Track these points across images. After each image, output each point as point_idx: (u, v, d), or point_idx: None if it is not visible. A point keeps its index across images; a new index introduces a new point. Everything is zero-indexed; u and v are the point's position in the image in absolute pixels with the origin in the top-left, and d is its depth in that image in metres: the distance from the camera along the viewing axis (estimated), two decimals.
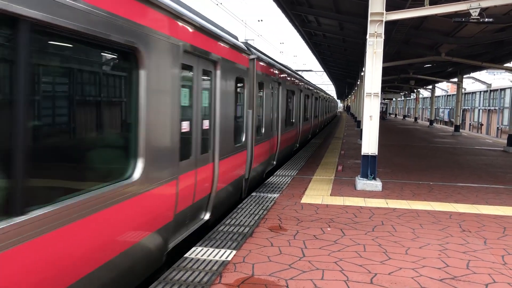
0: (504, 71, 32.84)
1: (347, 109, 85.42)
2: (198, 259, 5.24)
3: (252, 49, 9.80)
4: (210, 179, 6.78)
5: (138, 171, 4.41)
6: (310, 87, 22.64)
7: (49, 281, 3.18)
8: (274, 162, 12.77)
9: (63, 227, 3.31)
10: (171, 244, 5.45)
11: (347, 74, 46.12)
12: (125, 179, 4.25)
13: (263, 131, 10.72)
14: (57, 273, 3.27)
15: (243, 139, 8.79)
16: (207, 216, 6.81)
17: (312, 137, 24.88)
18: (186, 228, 6.07)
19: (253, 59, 9.47)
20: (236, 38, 8.76)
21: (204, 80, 6.52)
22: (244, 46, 8.94)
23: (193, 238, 6.59)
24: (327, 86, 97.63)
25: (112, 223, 3.98)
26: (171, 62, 5.07)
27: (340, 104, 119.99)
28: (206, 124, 6.63)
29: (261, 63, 10.41)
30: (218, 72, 6.95)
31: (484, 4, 9.75)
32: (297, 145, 18.25)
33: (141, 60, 4.38)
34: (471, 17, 10.01)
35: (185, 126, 5.78)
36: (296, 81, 17.03)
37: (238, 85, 8.50)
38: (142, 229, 4.57)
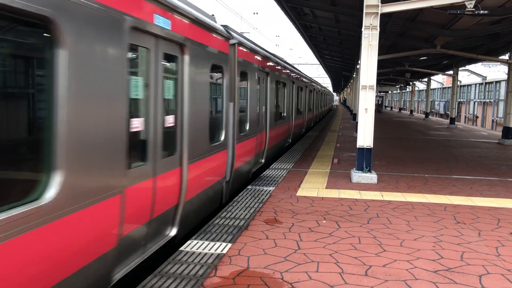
0: (499, 63, 32.91)
1: (344, 102, 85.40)
2: (193, 252, 5.24)
3: (233, 33, 8.50)
4: (176, 187, 5.69)
5: (53, 189, 3.24)
6: (304, 79, 21.98)
7: None
8: (263, 161, 11.84)
9: None
10: (118, 275, 4.42)
11: (343, 67, 46.08)
12: (34, 200, 3.11)
13: (247, 126, 9.60)
14: None
15: (222, 137, 7.69)
16: (173, 232, 5.76)
17: (306, 131, 24.41)
18: (143, 250, 5.01)
19: (234, 44, 8.23)
20: (213, 19, 7.57)
21: (166, 66, 5.40)
22: (222, 29, 7.69)
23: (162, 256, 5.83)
24: (323, 79, 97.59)
25: (14, 261, 2.88)
26: (108, 40, 3.91)
27: (336, 97, 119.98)
28: (170, 120, 5.50)
29: (245, 50, 9.18)
30: (187, 58, 5.76)
31: None
32: (289, 140, 17.45)
33: (58, 36, 3.25)
34: (467, 9, 10.00)
35: (136, 124, 4.64)
36: (288, 72, 16.17)
37: (215, 74, 7.45)
38: (64, 265, 3.43)
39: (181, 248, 5.38)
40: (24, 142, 3.29)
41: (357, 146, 10.08)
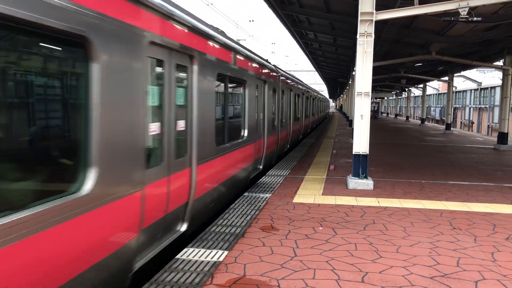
0: (494, 69, 33.12)
1: (340, 108, 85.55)
2: (190, 260, 5.23)
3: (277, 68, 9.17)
4: (186, 186, 6.13)
5: (89, 183, 3.74)
6: (300, 86, 22.06)
7: None
8: (261, 167, 11.95)
9: None
10: (138, 264, 4.82)
11: (338, 74, 46.24)
12: (73, 193, 3.58)
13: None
14: None
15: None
16: (184, 227, 6.15)
17: (304, 137, 24.47)
18: (158, 242, 5.42)
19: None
20: (220, 32, 8.16)
21: (178, 76, 5.87)
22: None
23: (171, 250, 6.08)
24: (319, 86, 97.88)
25: (55, 246, 3.33)
26: (131, 54, 4.38)
27: (332, 104, 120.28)
28: (181, 125, 5.97)
29: (241, 58, 9.32)
30: (195, 68, 6.27)
31: (472, 3, 9.82)
32: (288, 146, 17.57)
33: (92, 52, 3.75)
34: (460, 16, 10.08)
35: (154, 128, 5.14)
36: (285, 79, 16.32)
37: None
38: (97, 251, 3.91)
39: (178, 256, 5.37)
40: (65, 143, 3.76)
41: (353, 152, 10.10)
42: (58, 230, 3.32)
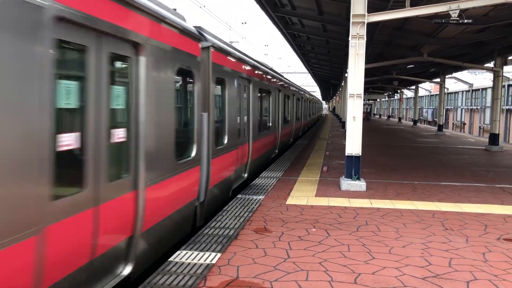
0: (485, 71, 33.39)
1: (333, 110, 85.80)
2: (183, 263, 5.22)
3: (207, 35, 7.54)
4: (129, 217, 4.72)
5: None
6: (291, 87, 21.28)
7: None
8: (246, 175, 10.90)
9: None
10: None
11: (331, 76, 46.41)
12: None
13: (226, 139, 8.65)
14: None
15: (193, 152, 6.70)
16: (127, 271, 4.77)
17: (294, 141, 23.75)
18: None
19: (208, 47, 7.33)
20: (183, 19, 6.65)
21: (115, 68, 4.58)
22: (193, 29, 6.74)
23: None
24: (312, 88, 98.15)
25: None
26: (21, 32, 3.02)
27: (325, 105, 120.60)
28: (119, 134, 4.56)
29: (221, 54, 8.24)
30: (143, 59, 4.85)
31: (463, 6, 9.91)
32: (276, 151, 16.57)
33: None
34: (451, 18, 10.16)
35: (68, 139, 3.73)
36: (273, 79, 15.35)
37: (183, 80, 6.71)
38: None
39: (170, 259, 5.36)
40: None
41: (346, 154, 10.14)
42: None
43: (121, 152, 4.68)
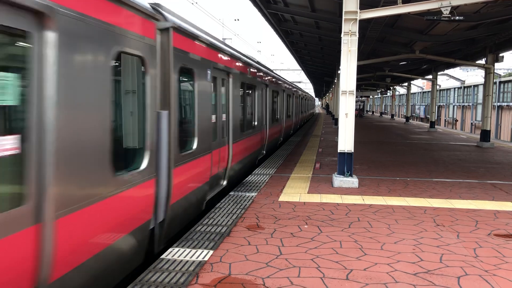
0: (476, 68, 33.58)
1: (326, 107, 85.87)
2: (175, 260, 5.21)
3: (167, 14, 6.05)
4: (29, 255, 3.34)
5: None
6: (280, 82, 20.14)
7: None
8: (225, 182, 9.43)
9: None
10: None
11: (324, 73, 46.47)
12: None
13: (195, 143, 7.16)
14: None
15: (146, 162, 5.31)
16: None
17: (285, 140, 23.13)
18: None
19: (167, 28, 5.81)
20: None
21: (12, 52, 3.40)
22: (145, 5, 5.38)
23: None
24: (305, 85, 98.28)
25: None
26: None
27: (318, 102, 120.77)
28: (6, 145, 3.18)
29: (189, 39, 6.75)
30: (53, 37, 3.51)
31: (454, 3, 9.94)
32: (264, 152, 14.99)
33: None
34: (443, 15, 10.21)
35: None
36: (259, 73, 13.98)
37: (128, 68, 5.36)
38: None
39: (162, 256, 5.35)
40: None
41: (338, 151, 10.16)
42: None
43: (9, 172, 3.27)
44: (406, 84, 46.57)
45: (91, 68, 4.12)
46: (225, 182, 9.48)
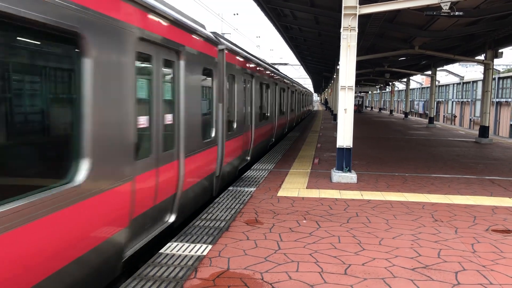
0: (476, 63, 33.55)
1: (325, 102, 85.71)
2: (173, 255, 5.22)
3: (221, 39, 7.92)
4: (176, 174, 5.40)
5: None
6: (286, 81, 20.33)
7: None
8: (249, 158, 10.67)
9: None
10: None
11: (323, 68, 46.38)
12: None
13: (235, 126, 8.56)
14: None
15: (213, 135, 7.03)
16: None
17: (289, 131, 22.83)
18: None
19: (223, 50, 7.87)
20: (203, 27, 7.39)
21: (168, 73, 5.76)
22: (211, 35, 7.15)
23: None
24: (304, 80, 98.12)
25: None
26: None
27: (317, 98, 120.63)
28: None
29: (232, 55, 8.32)
30: (183, 63, 5.91)
31: None
32: (273, 139, 15.54)
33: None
34: (442, 10, 10.18)
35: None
36: (272, 74, 14.52)
37: (209, 78, 7.52)
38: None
39: (161, 251, 5.35)
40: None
41: (337, 146, 10.16)
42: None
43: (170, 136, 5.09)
44: (405, 79, 46.54)
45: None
46: (249, 158, 11.92)
